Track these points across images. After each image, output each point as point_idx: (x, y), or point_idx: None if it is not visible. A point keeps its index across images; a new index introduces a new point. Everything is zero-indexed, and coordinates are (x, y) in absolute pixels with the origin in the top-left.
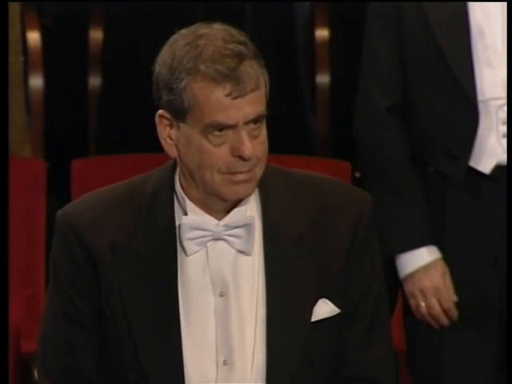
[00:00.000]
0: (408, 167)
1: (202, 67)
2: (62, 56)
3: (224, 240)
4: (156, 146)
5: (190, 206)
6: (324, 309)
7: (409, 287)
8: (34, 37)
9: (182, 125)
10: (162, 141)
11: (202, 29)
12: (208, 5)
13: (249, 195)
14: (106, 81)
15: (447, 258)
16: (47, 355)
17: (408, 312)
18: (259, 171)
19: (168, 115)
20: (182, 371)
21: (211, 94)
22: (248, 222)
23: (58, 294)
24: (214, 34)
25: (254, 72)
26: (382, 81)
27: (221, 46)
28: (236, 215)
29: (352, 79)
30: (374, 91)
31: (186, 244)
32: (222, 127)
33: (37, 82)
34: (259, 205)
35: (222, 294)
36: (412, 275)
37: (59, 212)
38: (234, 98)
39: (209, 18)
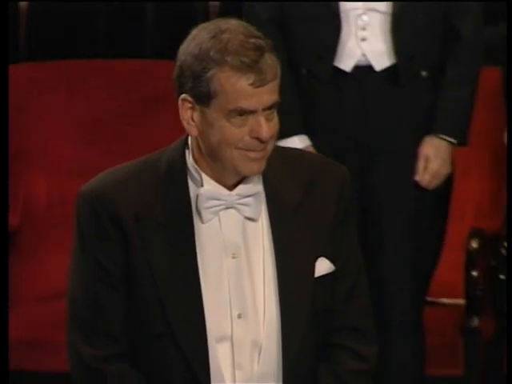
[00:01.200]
0: (284, 69)
1: (229, 59)
2: None
3: (234, 208)
4: (78, 55)
5: (206, 178)
6: (323, 266)
7: None
8: None
9: (205, 109)
10: (184, 122)
11: (222, 24)
12: None
13: (261, 171)
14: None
15: (316, 145)
16: (78, 316)
17: None
18: (270, 149)
19: (191, 99)
20: (204, 324)
21: (237, 82)
22: (257, 191)
23: (88, 260)
24: (235, 29)
25: (273, 64)
26: None
27: (243, 40)
28: (245, 186)
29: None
30: (256, 5)
31: (203, 212)
32: (243, 112)
33: None
34: (261, 178)
35: (234, 257)
36: None
37: (84, 188)
38: (257, 87)
39: None
